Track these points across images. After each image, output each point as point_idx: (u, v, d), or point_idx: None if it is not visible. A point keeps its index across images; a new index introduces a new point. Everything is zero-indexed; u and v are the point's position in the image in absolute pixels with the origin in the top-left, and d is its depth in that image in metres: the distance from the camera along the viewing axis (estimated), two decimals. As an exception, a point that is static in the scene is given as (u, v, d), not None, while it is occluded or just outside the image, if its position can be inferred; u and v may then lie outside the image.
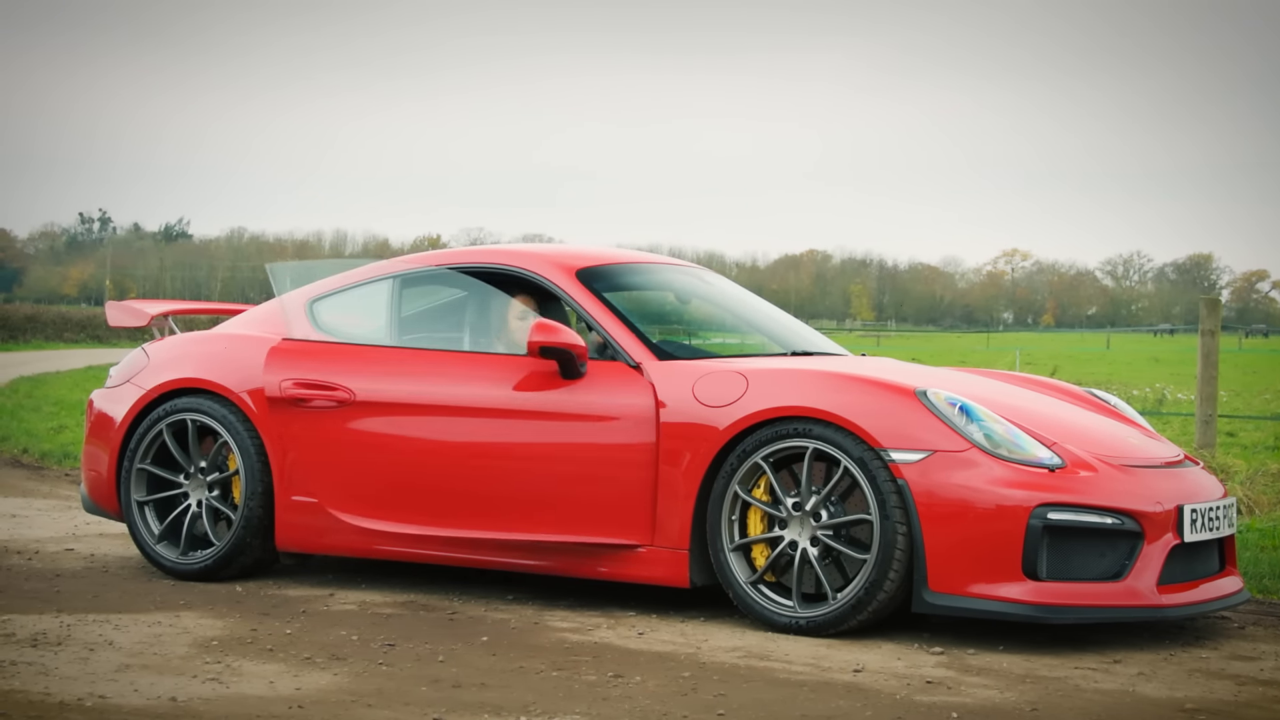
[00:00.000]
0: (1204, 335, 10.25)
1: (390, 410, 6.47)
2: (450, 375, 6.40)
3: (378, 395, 6.49)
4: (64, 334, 46.65)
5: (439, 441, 6.35)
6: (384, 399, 6.48)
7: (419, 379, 6.46)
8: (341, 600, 6.30)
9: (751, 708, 4.62)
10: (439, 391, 6.38)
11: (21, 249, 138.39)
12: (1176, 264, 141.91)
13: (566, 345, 6.05)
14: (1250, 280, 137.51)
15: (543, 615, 6.05)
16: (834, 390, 5.70)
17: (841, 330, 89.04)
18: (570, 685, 4.88)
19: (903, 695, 4.80)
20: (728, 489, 5.80)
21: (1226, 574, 5.97)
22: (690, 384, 5.96)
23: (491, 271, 6.73)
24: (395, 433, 6.45)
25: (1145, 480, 5.70)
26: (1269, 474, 9.66)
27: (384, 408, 6.48)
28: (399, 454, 6.42)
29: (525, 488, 6.18)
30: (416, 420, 6.42)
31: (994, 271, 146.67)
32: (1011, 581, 5.41)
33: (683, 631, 5.76)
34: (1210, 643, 5.72)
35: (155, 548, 6.81)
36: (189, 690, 4.70)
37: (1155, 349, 57.32)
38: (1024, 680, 5.03)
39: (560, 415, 6.14)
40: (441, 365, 6.46)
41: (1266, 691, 4.97)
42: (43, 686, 4.69)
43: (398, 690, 4.78)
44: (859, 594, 5.55)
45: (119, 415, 6.96)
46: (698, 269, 7.41)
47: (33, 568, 6.97)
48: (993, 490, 5.44)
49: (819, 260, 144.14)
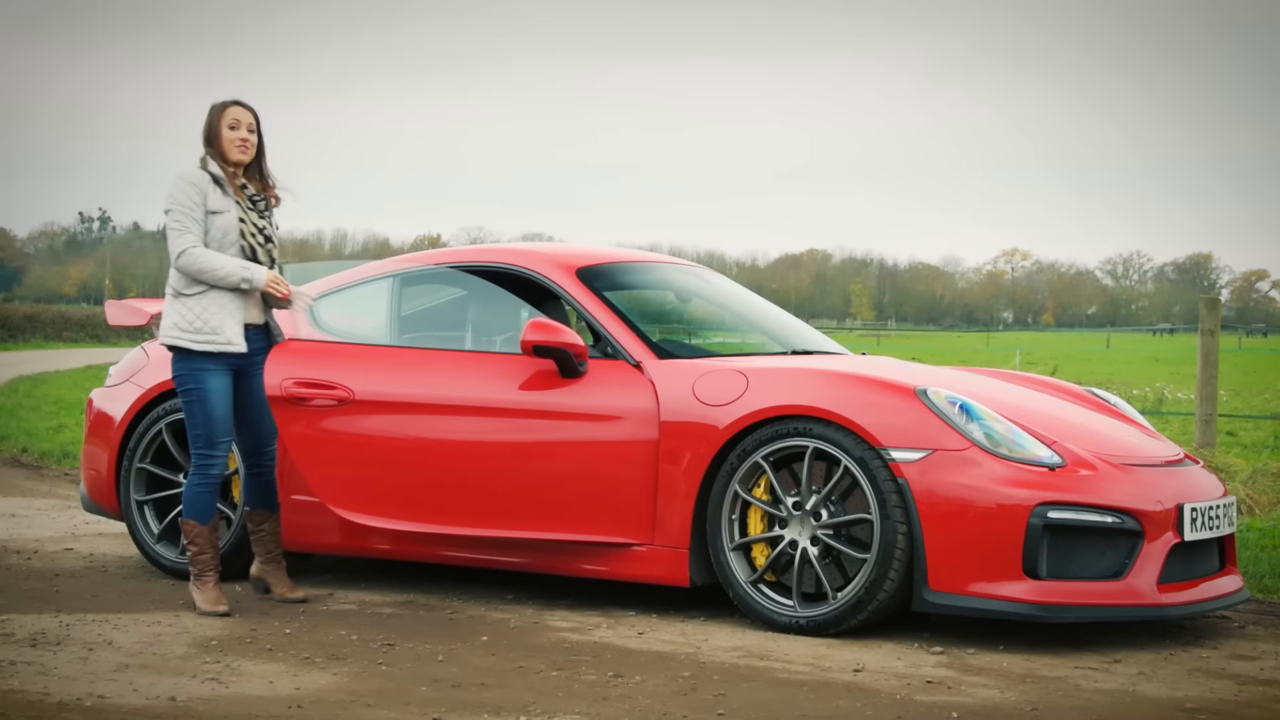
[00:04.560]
0: (1204, 335, 10.25)
1: (391, 409, 6.46)
2: (451, 374, 6.40)
3: (378, 394, 6.49)
4: (63, 333, 46.65)
5: (440, 440, 6.34)
6: (384, 398, 6.48)
7: (419, 378, 6.46)
8: (341, 600, 6.30)
9: (751, 708, 4.62)
10: (439, 391, 6.38)
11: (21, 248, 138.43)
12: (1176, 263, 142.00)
13: (560, 344, 6.04)
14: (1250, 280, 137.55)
15: (542, 615, 6.05)
16: (834, 389, 5.69)
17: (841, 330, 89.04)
18: (570, 685, 4.87)
19: (903, 695, 4.79)
20: (728, 488, 5.79)
21: (1226, 573, 5.97)
22: (690, 383, 5.96)
23: (491, 270, 6.73)
24: (396, 432, 6.44)
25: (1145, 479, 5.69)
26: (1269, 473, 9.65)
27: (384, 407, 6.47)
28: (399, 453, 6.42)
29: (526, 487, 6.18)
30: (417, 419, 6.41)
31: (994, 271, 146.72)
32: (1012, 580, 5.40)
33: (683, 631, 5.76)
34: (1210, 642, 5.71)
35: (155, 547, 6.81)
36: (188, 690, 4.70)
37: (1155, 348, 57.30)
38: (1024, 680, 5.03)
39: (560, 414, 6.13)
40: (442, 364, 6.46)
41: (1266, 691, 4.96)
42: (42, 686, 4.69)
43: (397, 690, 4.77)
44: (859, 593, 5.54)
45: (118, 414, 6.96)
46: (698, 268, 7.41)
47: (32, 567, 6.97)
48: (993, 489, 5.43)
49: (819, 260, 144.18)
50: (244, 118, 6.14)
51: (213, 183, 6.08)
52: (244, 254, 6.08)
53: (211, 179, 6.08)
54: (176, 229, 6.02)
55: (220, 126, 6.12)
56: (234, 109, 6.16)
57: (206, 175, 6.09)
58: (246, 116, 6.15)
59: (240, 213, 6.09)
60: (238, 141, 6.11)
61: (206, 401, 6.01)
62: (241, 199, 6.12)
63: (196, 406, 6.03)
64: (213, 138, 6.13)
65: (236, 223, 6.06)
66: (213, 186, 6.07)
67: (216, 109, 6.17)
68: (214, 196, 6.06)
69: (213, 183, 6.08)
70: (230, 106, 6.16)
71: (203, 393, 6.01)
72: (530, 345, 6.06)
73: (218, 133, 6.12)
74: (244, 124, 6.13)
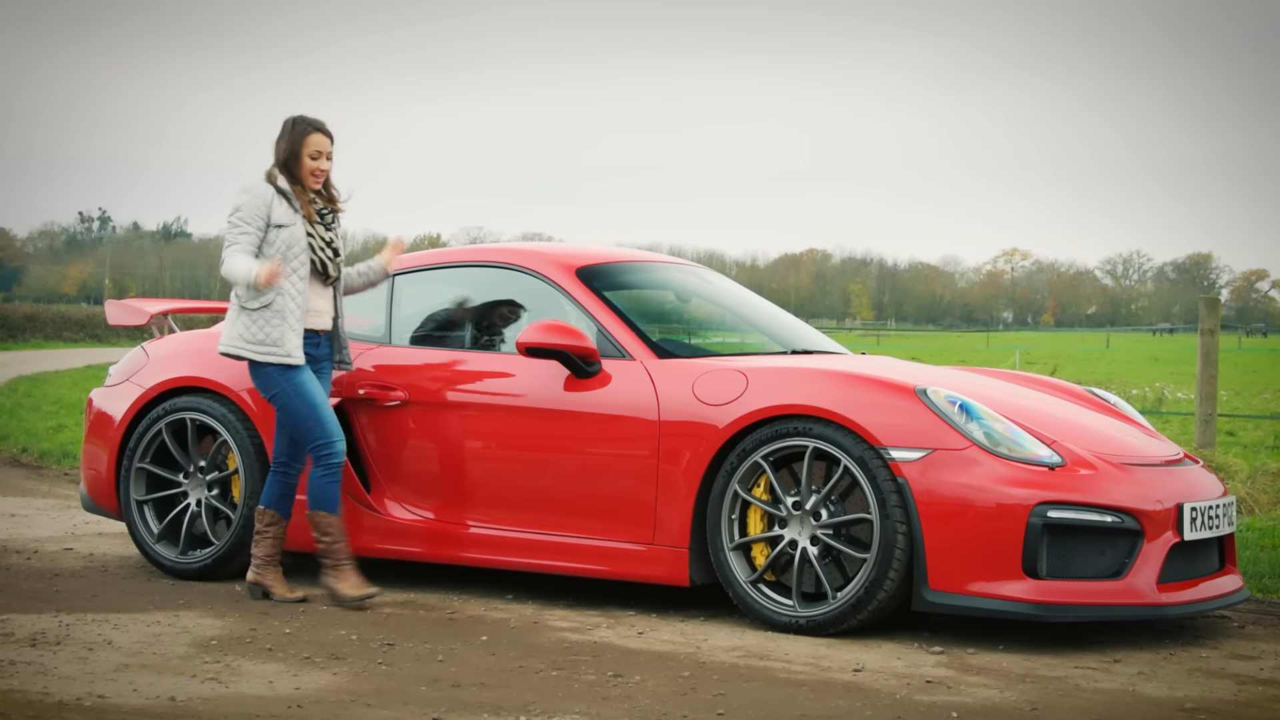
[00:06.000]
0: (1203, 334, 10.25)
1: (389, 407, 6.46)
2: (450, 373, 6.40)
3: (377, 393, 6.49)
4: (63, 333, 46.63)
5: (440, 439, 6.35)
6: (384, 397, 6.47)
7: (419, 377, 6.46)
8: (341, 599, 6.29)
9: (751, 707, 4.62)
10: (439, 390, 6.38)
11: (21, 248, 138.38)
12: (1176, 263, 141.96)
13: (569, 346, 6.03)
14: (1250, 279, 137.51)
15: (542, 615, 6.05)
16: (834, 389, 5.69)
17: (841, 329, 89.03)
18: (570, 685, 4.87)
19: (903, 695, 4.79)
20: (727, 488, 5.79)
21: (1226, 573, 5.97)
22: (690, 382, 5.96)
23: (491, 270, 6.72)
24: (396, 430, 6.44)
25: (1145, 479, 5.69)
26: (1269, 473, 9.66)
27: (384, 405, 6.47)
28: (399, 450, 6.42)
29: (526, 486, 6.18)
30: (418, 418, 6.41)
31: (994, 271, 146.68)
32: (1011, 580, 5.40)
33: (683, 631, 5.75)
34: (1210, 642, 5.71)
35: (154, 547, 6.81)
36: (188, 690, 4.70)
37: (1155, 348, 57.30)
38: (1024, 680, 5.03)
39: (560, 413, 6.13)
40: (442, 363, 6.46)
41: (1266, 691, 4.96)
42: (41, 686, 4.69)
43: (397, 690, 4.77)
44: (859, 593, 5.54)
45: (118, 414, 6.95)
46: (698, 268, 7.40)
47: (32, 567, 6.97)
48: (993, 489, 5.43)
49: (819, 259, 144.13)
50: (325, 147, 6.19)
51: (279, 196, 6.09)
52: (314, 267, 6.13)
53: (277, 192, 6.10)
54: (228, 240, 6.07)
55: (302, 154, 6.14)
56: (317, 138, 6.17)
57: (272, 189, 6.10)
58: (327, 145, 6.20)
59: (309, 227, 6.12)
60: (316, 171, 6.17)
61: (301, 394, 6.06)
62: (310, 214, 6.14)
63: (293, 402, 6.06)
64: (292, 161, 6.14)
65: (304, 236, 6.10)
66: (278, 200, 6.09)
67: (299, 133, 6.15)
68: (279, 210, 6.08)
69: (279, 196, 6.09)
70: (313, 134, 6.16)
71: (292, 388, 6.06)
72: (538, 346, 6.05)
73: (298, 157, 6.14)
74: (325, 154, 6.18)
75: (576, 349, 6.05)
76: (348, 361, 6.37)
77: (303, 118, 6.21)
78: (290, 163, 6.14)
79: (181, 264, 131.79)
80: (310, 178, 6.16)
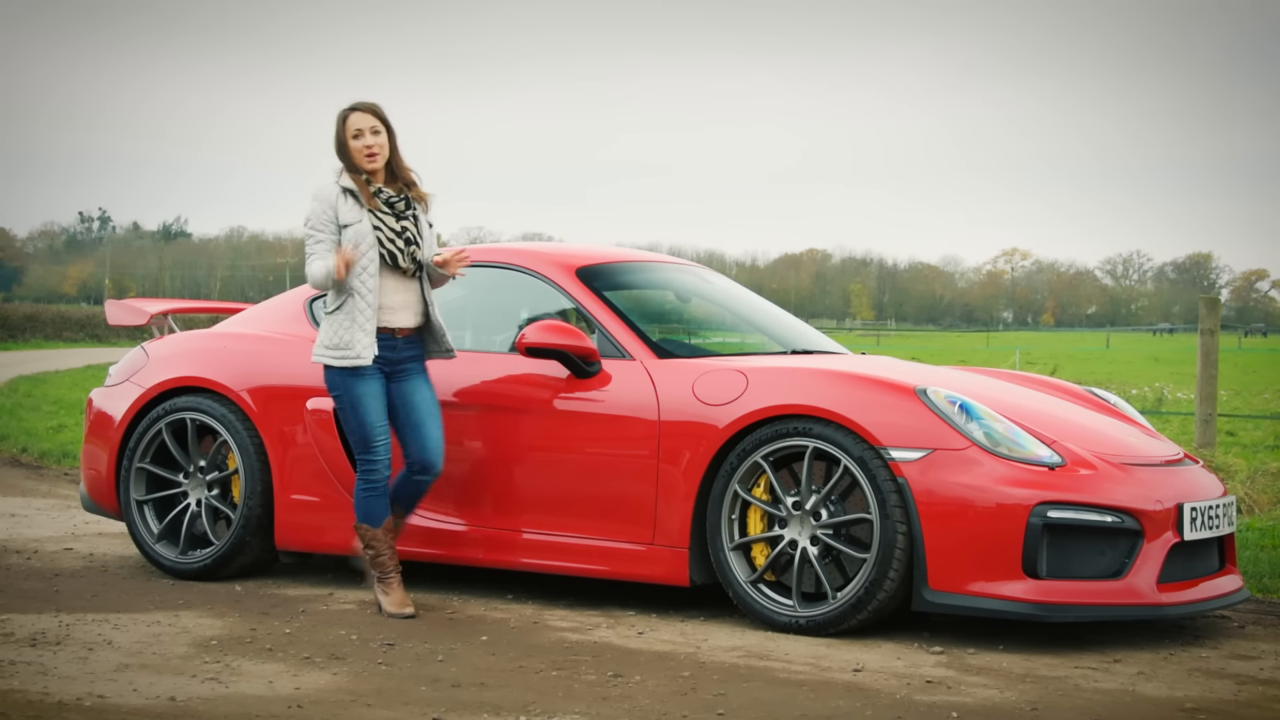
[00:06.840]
0: (1203, 334, 10.25)
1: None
2: (450, 372, 6.39)
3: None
4: (63, 333, 46.65)
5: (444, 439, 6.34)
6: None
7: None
8: (341, 600, 6.29)
9: (751, 707, 4.62)
10: (439, 389, 6.37)
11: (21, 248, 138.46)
12: (1176, 263, 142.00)
13: (553, 346, 6.03)
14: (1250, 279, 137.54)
15: (542, 615, 6.05)
16: (834, 389, 5.69)
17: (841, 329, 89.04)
18: (570, 685, 4.87)
19: (903, 695, 4.79)
20: (727, 488, 5.79)
21: (1226, 573, 5.97)
22: (690, 382, 5.96)
23: (491, 270, 6.72)
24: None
25: (1145, 479, 5.69)
26: (1269, 473, 9.66)
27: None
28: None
29: (527, 486, 6.18)
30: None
31: (994, 271, 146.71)
32: (1011, 580, 5.40)
33: (682, 631, 5.75)
34: (1210, 642, 5.71)
35: (154, 547, 6.80)
36: (188, 690, 4.70)
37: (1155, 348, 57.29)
38: (1024, 680, 5.03)
39: (560, 413, 6.13)
40: (442, 363, 6.45)
41: (1266, 691, 4.96)
42: (41, 686, 4.69)
43: (397, 690, 4.77)
44: (859, 593, 5.54)
45: (118, 414, 6.95)
46: (698, 268, 7.40)
47: (32, 567, 6.97)
48: (993, 489, 5.43)
49: (819, 259, 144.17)
50: (365, 123, 5.99)
51: (343, 195, 5.97)
52: (383, 261, 5.96)
53: (342, 191, 5.98)
54: (307, 250, 6.00)
55: (346, 138, 6.01)
56: (352, 117, 6.00)
57: (337, 189, 5.98)
58: (367, 120, 5.99)
59: (375, 220, 5.97)
60: (364, 151, 5.98)
61: (357, 407, 5.97)
62: (375, 206, 5.98)
63: (349, 413, 6.00)
64: (342, 149, 6.02)
65: (370, 231, 5.93)
66: (343, 199, 5.96)
67: (340, 120, 6.02)
68: (345, 209, 5.95)
69: (343, 195, 5.97)
70: (349, 115, 6.01)
71: (351, 398, 5.98)
72: (538, 346, 6.05)
73: (345, 144, 6.01)
74: (366, 130, 5.98)
75: (576, 349, 6.05)
76: (449, 349, 6.16)
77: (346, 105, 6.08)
78: (341, 152, 6.02)
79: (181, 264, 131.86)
80: (363, 159, 5.98)
